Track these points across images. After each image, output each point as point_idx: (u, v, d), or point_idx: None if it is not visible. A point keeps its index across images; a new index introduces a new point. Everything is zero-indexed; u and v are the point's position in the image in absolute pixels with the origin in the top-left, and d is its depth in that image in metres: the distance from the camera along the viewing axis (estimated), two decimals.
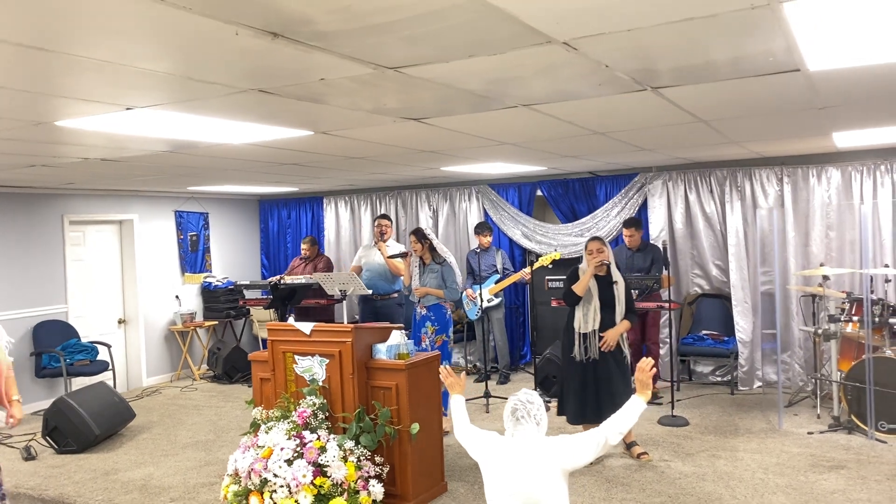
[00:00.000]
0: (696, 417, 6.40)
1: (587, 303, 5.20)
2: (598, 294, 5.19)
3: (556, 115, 4.04)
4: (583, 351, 5.20)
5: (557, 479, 2.88)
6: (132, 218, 8.81)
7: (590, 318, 5.18)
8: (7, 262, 7.45)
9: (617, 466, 5.21)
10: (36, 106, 3.32)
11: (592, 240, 5.28)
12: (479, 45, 2.50)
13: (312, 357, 4.72)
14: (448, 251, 6.53)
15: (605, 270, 5.23)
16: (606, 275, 5.24)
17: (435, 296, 6.25)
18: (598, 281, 5.22)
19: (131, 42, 2.33)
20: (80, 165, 5.63)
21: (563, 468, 2.89)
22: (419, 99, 3.43)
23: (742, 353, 7.36)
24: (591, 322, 5.18)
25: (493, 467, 2.96)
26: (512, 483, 2.88)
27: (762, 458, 5.29)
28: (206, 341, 9.53)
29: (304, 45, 2.38)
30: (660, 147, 5.92)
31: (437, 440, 4.84)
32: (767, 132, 5.22)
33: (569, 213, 8.45)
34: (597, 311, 5.18)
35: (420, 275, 6.37)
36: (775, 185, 7.30)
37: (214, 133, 4.30)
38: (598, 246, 5.21)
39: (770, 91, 3.62)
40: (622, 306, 5.22)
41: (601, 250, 5.18)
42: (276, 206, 10.46)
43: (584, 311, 5.21)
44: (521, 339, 8.89)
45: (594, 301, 5.18)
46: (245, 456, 4.45)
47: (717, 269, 7.67)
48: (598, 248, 5.19)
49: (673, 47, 2.66)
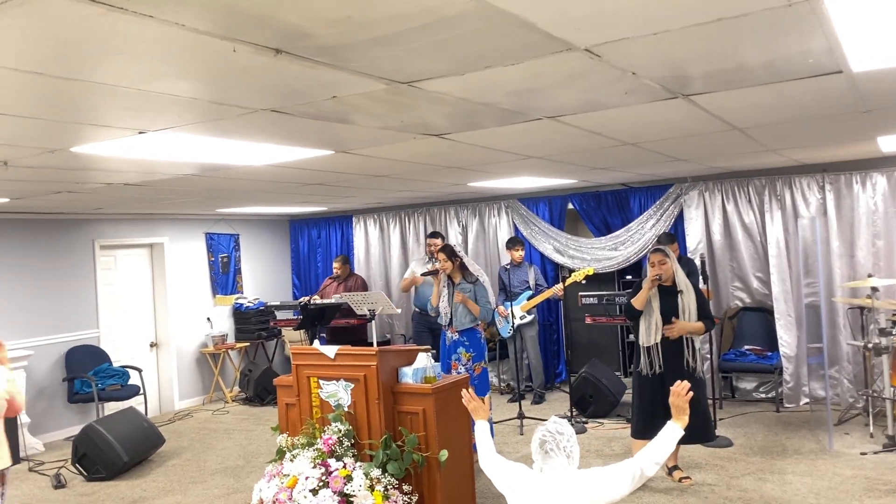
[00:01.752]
0: (741, 437, 6.12)
1: (648, 316, 5.04)
2: (660, 306, 5.01)
3: (583, 126, 3.87)
4: (648, 365, 5.03)
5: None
6: (163, 241, 8.82)
7: (651, 331, 5.02)
8: (40, 287, 7.48)
9: (658, 491, 4.98)
10: (49, 133, 3.27)
11: (654, 252, 5.13)
12: (494, 56, 2.36)
13: (337, 381, 4.59)
14: (480, 269, 6.24)
15: (671, 280, 5.05)
16: (671, 285, 5.06)
17: (470, 310, 5.83)
18: (661, 292, 5.04)
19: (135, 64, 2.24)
20: (105, 190, 5.62)
21: (597, 502, 2.71)
22: (438, 114, 3.30)
23: (787, 368, 7.06)
24: (653, 335, 5.01)
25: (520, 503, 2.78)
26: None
27: (812, 481, 5.01)
28: (237, 363, 9.48)
29: (311, 62, 2.27)
30: (694, 157, 5.71)
31: (467, 467, 4.66)
32: (807, 138, 4.98)
33: (602, 226, 8.23)
34: (658, 324, 5.01)
35: (449, 295, 5.94)
36: (817, 194, 7.01)
37: (234, 155, 4.23)
38: (659, 258, 5.03)
39: (809, 95, 3.42)
40: (689, 315, 5.00)
41: (663, 262, 5.00)
42: (306, 226, 10.42)
43: (646, 325, 5.05)
44: (556, 357, 8.66)
45: (655, 314, 5.01)
46: (270, 485, 4.32)
47: (758, 281, 7.39)
48: (659, 261, 5.01)
49: (703, 51, 2.49)
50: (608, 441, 6.24)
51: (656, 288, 5.03)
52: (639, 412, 5.14)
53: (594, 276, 7.55)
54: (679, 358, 5.00)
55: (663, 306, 5.02)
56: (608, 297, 7.17)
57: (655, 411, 5.00)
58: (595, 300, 7.15)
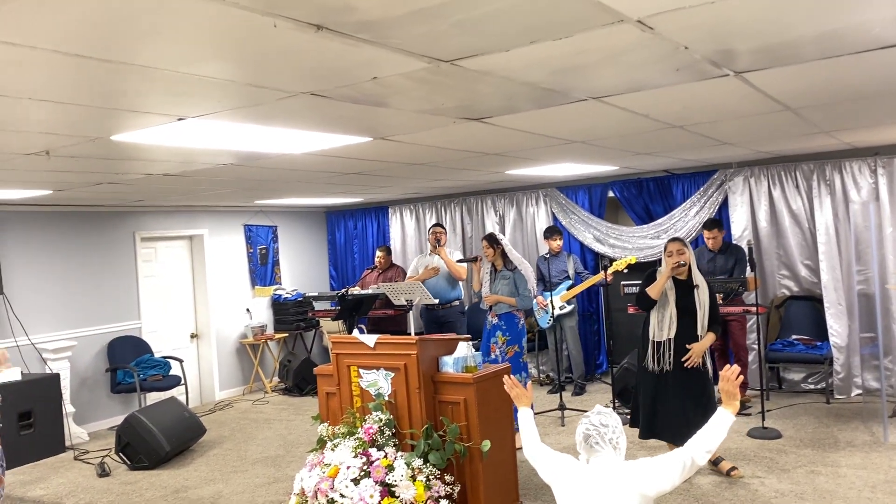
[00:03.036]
0: (790, 429, 5.94)
1: (662, 308, 4.81)
2: (676, 300, 4.81)
3: (629, 107, 3.75)
4: (655, 361, 4.83)
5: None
6: (202, 233, 8.88)
7: (665, 325, 4.78)
8: (83, 279, 7.58)
9: (705, 484, 4.84)
10: (90, 120, 3.26)
11: (672, 240, 4.91)
12: (541, 29, 2.27)
13: (377, 370, 4.55)
14: (521, 257, 6.26)
15: (686, 273, 4.84)
16: (687, 279, 4.86)
17: (507, 304, 5.98)
18: (678, 285, 4.85)
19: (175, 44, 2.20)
20: (145, 181, 5.64)
21: (647, 495, 2.60)
22: (479, 95, 3.21)
23: (837, 358, 6.84)
24: (667, 330, 4.77)
25: (567, 494, 2.69)
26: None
27: (868, 474, 4.83)
28: (276, 354, 9.52)
29: (352, 38, 2.20)
30: (742, 140, 5.53)
31: (509, 457, 4.59)
32: (862, 118, 4.78)
33: (643, 214, 8.06)
34: (673, 318, 4.77)
35: (491, 281, 6.10)
36: (868, 178, 6.76)
37: (272, 143, 4.19)
38: (677, 247, 4.83)
39: (868, 71, 3.25)
40: (704, 313, 4.77)
41: (681, 251, 4.81)
42: (343, 217, 10.41)
43: (659, 318, 4.82)
44: (597, 347, 8.53)
45: (670, 307, 4.78)
46: (311, 475, 4.30)
47: (806, 269, 7.17)
48: (677, 249, 4.82)
49: (760, 21, 2.36)
50: None
51: (671, 280, 4.82)
52: (643, 409, 4.94)
53: (636, 265, 7.40)
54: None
55: (679, 300, 4.80)
56: None
57: (657, 410, 4.82)
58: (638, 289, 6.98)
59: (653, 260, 7.91)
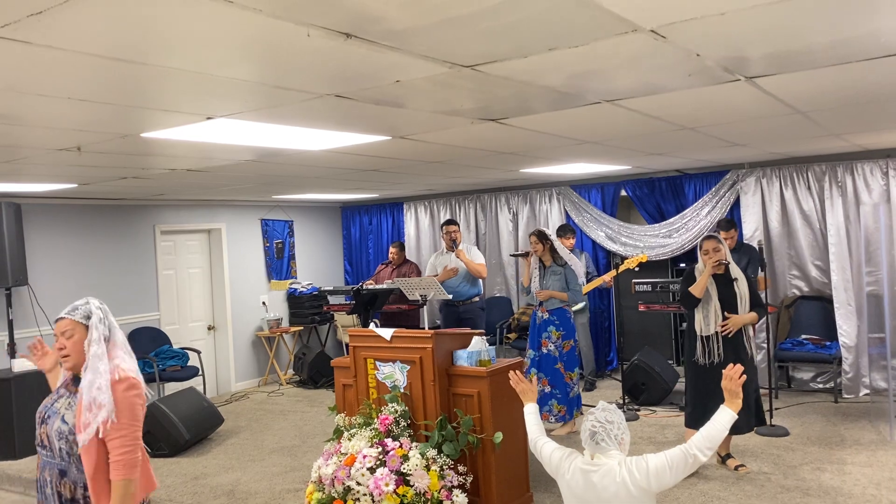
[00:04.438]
0: (797, 427, 6.03)
1: (706, 304, 5.03)
2: (718, 294, 5.01)
3: (642, 110, 3.85)
4: (706, 355, 5.01)
5: (644, 502, 2.71)
6: (220, 227, 9.04)
7: (710, 319, 5.01)
8: (104, 271, 7.75)
9: (713, 479, 4.94)
10: (122, 118, 3.39)
11: (707, 239, 5.10)
12: (559, 37, 2.38)
13: (394, 363, 4.67)
14: (570, 253, 6.39)
15: (724, 269, 5.03)
16: (725, 273, 5.05)
17: (558, 299, 6.10)
18: (717, 280, 5.04)
19: (210, 49, 2.32)
20: (167, 176, 5.79)
21: (650, 490, 2.71)
22: (497, 98, 3.32)
23: (846, 358, 6.91)
24: (713, 324, 5.00)
25: (572, 490, 2.81)
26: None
27: (873, 472, 4.91)
28: (291, 346, 9.68)
29: (378, 45, 2.31)
30: (753, 142, 5.61)
31: (521, 449, 4.70)
32: (872, 122, 4.85)
33: (655, 213, 8.15)
34: (717, 312, 5.00)
35: (540, 277, 6.21)
36: (880, 180, 6.82)
37: (294, 141, 4.32)
38: (713, 245, 5.01)
39: (877, 77, 3.34)
40: (745, 303, 5.02)
41: (717, 249, 4.99)
42: (358, 213, 10.55)
43: (705, 314, 5.04)
44: (607, 344, 8.62)
45: (713, 302, 5.00)
46: (328, 463, 4.43)
47: (816, 269, 7.23)
48: (713, 248, 5.00)
49: (770, 31, 2.46)
50: (661, 428, 6.21)
51: (711, 276, 5.00)
52: (694, 402, 5.11)
53: (646, 263, 7.49)
54: (737, 346, 4.97)
55: (721, 294, 5.01)
56: (662, 284, 7.11)
57: (713, 401, 4.96)
58: (649, 287, 7.09)
59: (664, 259, 8.02)
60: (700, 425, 4.97)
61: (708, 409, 4.96)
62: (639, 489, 2.68)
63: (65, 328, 2.66)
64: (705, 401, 4.98)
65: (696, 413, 5.07)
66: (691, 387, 5.17)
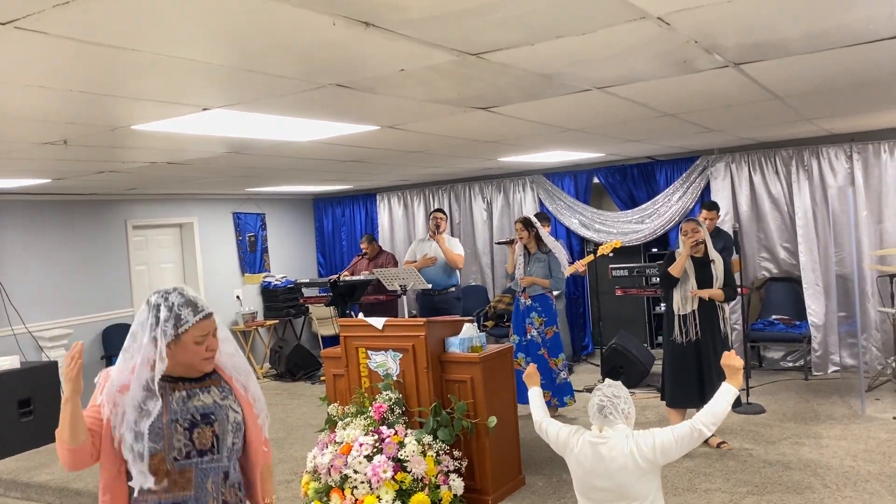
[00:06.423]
0: (772, 404, 6.22)
1: (684, 284, 5.18)
2: (695, 275, 5.15)
3: (630, 97, 3.93)
4: (683, 333, 5.16)
5: (650, 474, 2.79)
6: (192, 221, 8.93)
7: (688, 299, 5.16)
8: (76, 267, 7.61)
9: (697, 455, 5.08)
10: (113, 109, 3.35)
11: (687, 221, 5.27)
12: (568, 25, 2.43)
13: (386, 352, 4.70)
14: (554, 241, 6.47)
15: (702, 251, 5.18)
16: (703, 255, 5.20)
17: (541, 286, 6.17)
18: (695, 262, 5.19)
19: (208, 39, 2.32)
20: (146, 170, 5.71)
21: (656, 463, 2.80)
22: (495, 86, 3.36)
23: (815, 337, 7.14)
24: (690, 303, 5.15)
25: (581, 464, 2.88)
26: (602, 479, 2.80)
27: (848, 444, 5.11)
28: (267, 340, 9.63)
29: (393, 34, 2.34)
30: (728, 128, 5.76)
31: (513, 434, 4.78)
32: (845, 107, 5.03)
33: (627, 199, 8.29)
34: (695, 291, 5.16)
35: (525, 264, 6.27)
36: (844, 163, 7.05)
37: (285, 132, 4.31)
38: (692, 227, 5.17)
39: (860, 61, 3.47)
40: (721, 284, 5.18)
41: (696, 230, 5.15)
42: (331, 205, 10.51)
43: (682, 293, 5.19)
44: (582, 329, 8.76)
45: (690, 282, 5.15)
46: (324, 453, 4.45)
47: (785, 251, 7.45)
48: (692, 229, 5.16)
49: (771, 18, 2.55)
50: (641, 410, 6.34)
51: (689, 258, 5.15)
52: (673, 381, 5.25)
53: (620, 249, 7.63)
54: (712, 325, 5.14)
55: (698, 275, 5.16)
56: (638, 269, 7.26)
57: (692, 378, 5.15)
58: (625, 272, 7.23)
59: (637, 245, 8.17)
60: (682, 404, 5.20)
61: (686, 386, 5.17)
62: (646, 461, 2.77)
63: (216, 325, 2.21)
64: (682, 378, 5.18)
65: (676, 392, 5.22)
66: (668, 365, 5.31)
